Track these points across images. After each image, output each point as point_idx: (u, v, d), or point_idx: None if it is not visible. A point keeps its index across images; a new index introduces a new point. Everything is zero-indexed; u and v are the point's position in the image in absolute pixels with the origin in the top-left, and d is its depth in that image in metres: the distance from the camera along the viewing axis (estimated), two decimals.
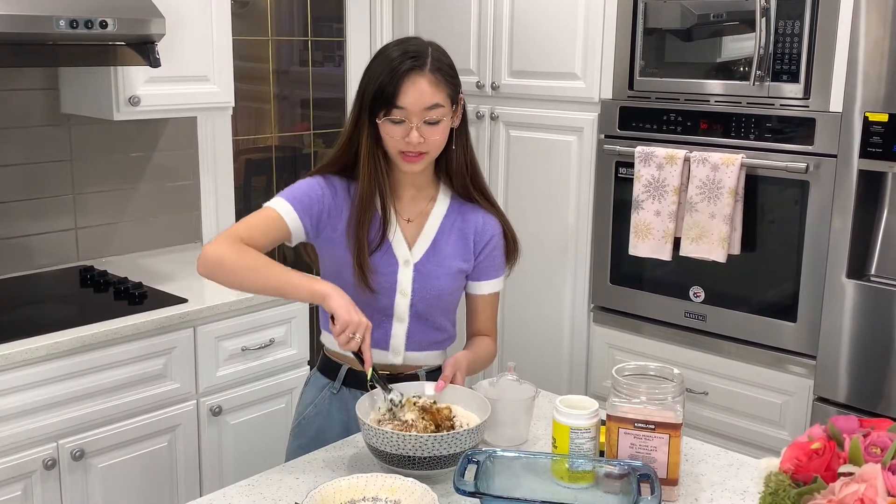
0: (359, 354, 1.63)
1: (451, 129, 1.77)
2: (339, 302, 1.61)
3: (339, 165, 1.80)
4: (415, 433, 1.54)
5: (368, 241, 1.75)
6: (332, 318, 1.62)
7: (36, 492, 2.20)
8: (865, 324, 2.44)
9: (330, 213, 1.77)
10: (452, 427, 1.61)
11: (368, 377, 1.64)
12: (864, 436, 1.12)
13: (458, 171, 1.82)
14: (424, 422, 1.61)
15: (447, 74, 1.72)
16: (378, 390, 1.67)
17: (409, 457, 1.52)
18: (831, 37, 2.45)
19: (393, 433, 1.52)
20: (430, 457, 1.52)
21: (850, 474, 1.08)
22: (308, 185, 1.77)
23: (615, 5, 2.89)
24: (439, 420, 1.62)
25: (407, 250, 1.79)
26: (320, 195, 1.76)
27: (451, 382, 1.72)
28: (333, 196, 1.77)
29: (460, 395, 1.71)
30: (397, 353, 1.82)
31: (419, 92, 1.67)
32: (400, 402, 1.64)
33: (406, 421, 1.61)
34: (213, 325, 2.49)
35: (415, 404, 1.65)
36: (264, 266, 1.67)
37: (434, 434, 1.52)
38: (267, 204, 1.75)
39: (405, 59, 1.68)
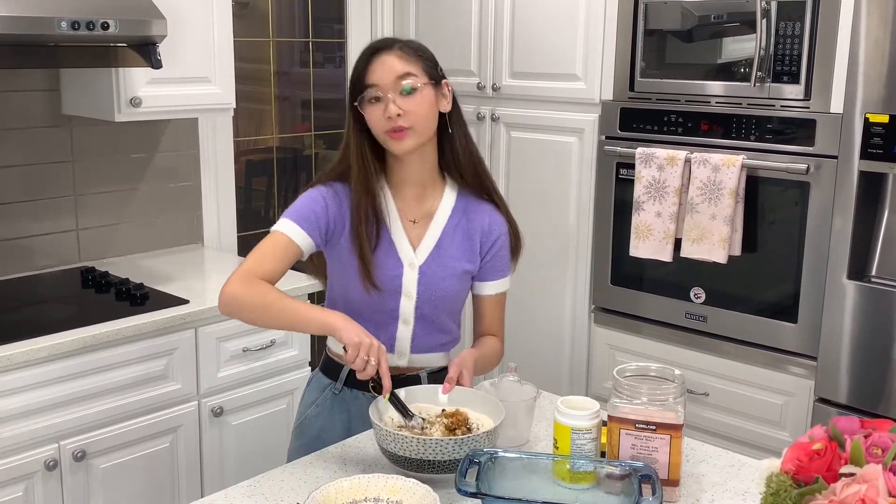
0: (378, 380, 1.61)
1: (445, 116, 1.77)
2: (349, 329, 1.60)
3: (341, 170, 1.80)
4: (436, 437, 1.53)
5: (369, 237, 1.75)
6: (345, 348, 1.61)
7: (37, 492, 2.20)
8: (866, 325, 2.44)
9: (335, 222, 1.77)
10: (469, 429, 1.61)
11: (386, 399, 1.61)
12: (866, 436, 1.13)
13: (466, 160, 1.81)
14: (446, 422, 1.62)
15: (417, 50, 1.75)
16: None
17: (430, 461, 1.52)
18: (832, 38, 2.46)
19: (412, 438, 1.52)
20: (450, 460, 1.52)
21: (852, 475, 1.08)
22: (311, 199, 1.77)
23: (616, 6, 2.89)
24: (458, 422, 1.62)
25: (411, 252, 1.79)
26: (324, 206, 1.76)
27: (459, 381, 1.72)
28: (338, 204, 1.77)
29: (470, 398, 1.70)
30: (402, 356, 1.82)
31: (387, 66, 1.71)
32: (422, 426, 1.62)
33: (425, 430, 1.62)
34: (214, 325, 2.49)
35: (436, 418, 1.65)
36: (276, 302, 1.68)
37: (454, 437, 1.52)
38: (274, 228, 1.75)
39: (374, 44, 1.74)
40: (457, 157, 1.82)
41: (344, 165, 1.79)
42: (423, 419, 1.63)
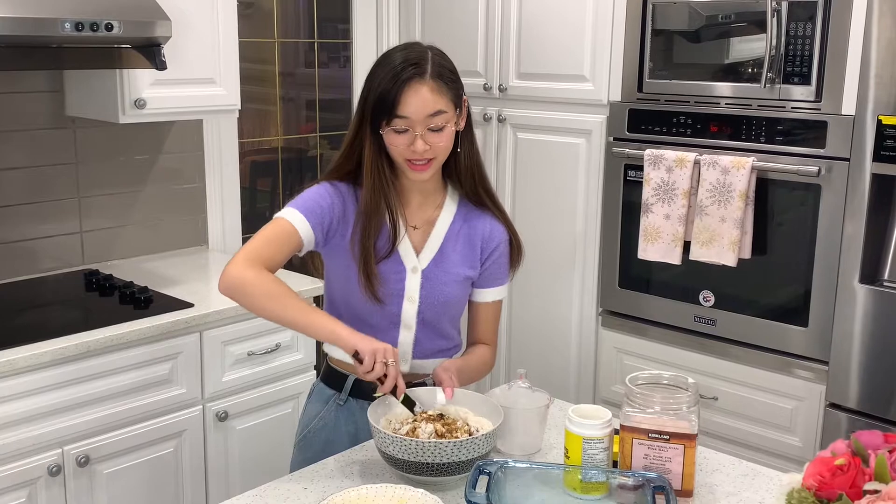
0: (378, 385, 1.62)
1: (457, 133, 1.75)
2: (360, 339, 1.61)
3: (343, 172, 1.78)
4: (431, 440, 1.52)
5: (377, 250, 1.73)
6: (356, 357, 1.60)
7: (41, 498, 2.19)
8: (878, 329, 2.42)
9: (339, 221, 1.75)
10: (468, 433, 1.60)
11: (401, 400, 1.63)
12: (890, 451, 1.10)
13: (466, 172, 1.80)
14: (439, 423, 1.61)
15: (448, 79, 1.70)
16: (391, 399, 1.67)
17: (425, 463, 1.50)
18: (843, 38, 2.43)
19: (408, 440, 1.51)
20: (444, 463, 1.50)
21: (876, 492, 1.05)
22: (318, 194, 1.75)
23: (623, 7, 2.86)
24: (449, 427, 1.61)
25: (414, 257, 1.78)
26: (330, 203, 1.74)
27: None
28: (342, 203, 1.76)
29: (472, 401, 1.69)
30: (404, 361, 1.80)
31: (421, 100, 1.66)
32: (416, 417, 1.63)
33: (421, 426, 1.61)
34: (219, 329, 2.47)
35: (438, 416, 1.65)
36: (284, 296, 1.66)
37: (449, 440, 1.51)
38: (279, 215, 1.73)
39: (406, 66, 1.66)
40: (460, 170, 1.80)
41: (350, 165, 1.77)
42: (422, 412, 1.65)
